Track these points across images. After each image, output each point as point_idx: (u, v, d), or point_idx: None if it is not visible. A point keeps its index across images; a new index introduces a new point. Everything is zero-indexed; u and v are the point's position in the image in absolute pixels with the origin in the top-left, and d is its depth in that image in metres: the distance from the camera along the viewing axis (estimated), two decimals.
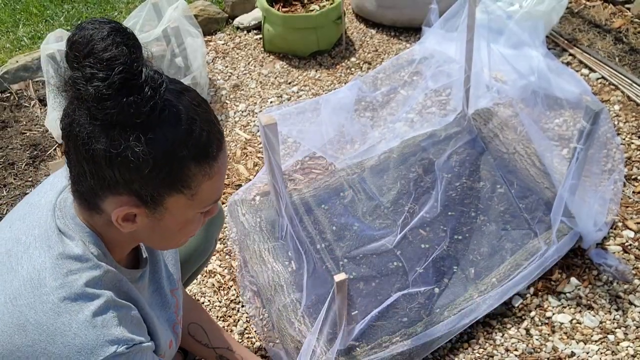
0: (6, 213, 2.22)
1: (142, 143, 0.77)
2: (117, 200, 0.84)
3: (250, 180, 2.18)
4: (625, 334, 1.68)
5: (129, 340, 0.88)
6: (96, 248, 0.90)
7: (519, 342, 1.68)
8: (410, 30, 3.01)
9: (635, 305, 1.75)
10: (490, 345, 1.67)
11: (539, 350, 1.66)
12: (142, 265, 1.06)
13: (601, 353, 1.64)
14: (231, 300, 1.84)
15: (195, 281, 1.89)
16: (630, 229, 1.95)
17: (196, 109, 0.84)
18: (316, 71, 2.81)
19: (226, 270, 1.92)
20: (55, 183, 0.97)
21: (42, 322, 0.83)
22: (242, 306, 1.82)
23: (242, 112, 2.60)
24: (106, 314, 0.86)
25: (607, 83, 2.56)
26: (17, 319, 0.84)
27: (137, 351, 0.89)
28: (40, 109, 2.69)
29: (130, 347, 0.87)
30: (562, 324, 1.72)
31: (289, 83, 2.75)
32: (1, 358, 0.86)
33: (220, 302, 1.83)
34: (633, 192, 2.08)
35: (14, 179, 2.37)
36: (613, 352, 1.64)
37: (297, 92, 2.69)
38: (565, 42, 2.81)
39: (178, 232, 0.93)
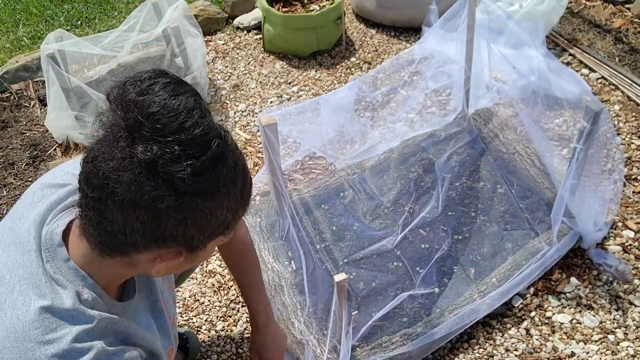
0: (6, 213, 2.22)
1: (221, 204, 0.79)
2: (162, 252, 0.82)
3: None
4: (625, 334, 1.68)
5: None
6: (91, 293, 0.86)
7: (519, 342, 1.68)
8: (410, 30, 3.01)
9: (635, 305, 1.75)
10: (490, 345, 1.67)
11: (539, 350, 1.66)
12: (131, 294, 1.01)
13: (601, 353, 1.64)
14: (231, 300, 1.84)
15: (195, 281, 1.89)
16: (630, 229, 1.95)
17: (243, 159, 0.84)
18: (316, 71, 2.81)
19: (226, 270, 1.92)
20: (38, 204, 0.92)
21: None
22: (242, 306, 1.82)
23: (242, 112, 2.60)
24: None
25: (607, 83, 2.56)
26: None
27: None
28: (40, 109, 2.69)
29: None
30: (562, 324, 1.72)
31: (289, 83, 2.75)
32: None
33: (220, 302, 1.83)
34: (633, 192, 2.08)
35: (14, 179, 2.37)
36: (613, 352, 1.64)
37: (297, 92, 2.69)
38: (565, 42, 2.81)
39: (193, 263, 0.93)
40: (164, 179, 0.73)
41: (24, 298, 0.82)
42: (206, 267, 1.93)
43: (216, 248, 1.25)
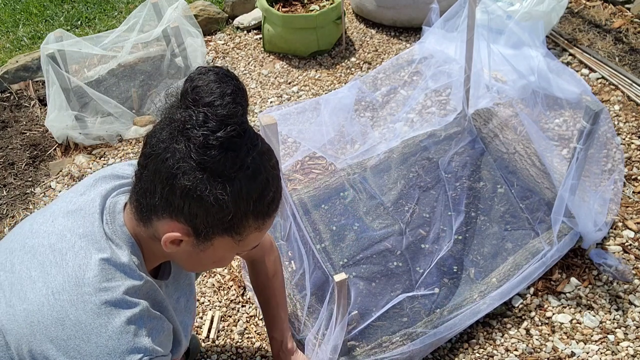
0: (6, 213, 2.22)
1: (226, 193, 0.86)
2: (173, 224, 0.90)
3: None
4: (625, 334, 1.68)
5: (153, 352, 0.93)
6: (137, 258, 0.96)
7: (519, 342, 1.68)
8: (410, 30, 3.01)
9: (635, 305, 1.75)
10: (490, 345, 1.67)
11: (539, 350, 1.66)
12: (165, 276, 1.11)
13: (601, 353, 1.64)
14: (231, 301, 1.84)
15: (195, 281, 1.89)
16: (630, 229, 1.95)
17: (272, 171, 0.93)
18: (316, 71, 2.81)
19: (226, 270, 1.92)
20: (98, 184, 1.03)
21: (81, 320, 0.88)
22: (242, 306, 1.82)
23: None
24: (139, 324, 0.92)
25: (607, 83, 2.56)
26: (57, 312, 0.89)
27: None
28: (40, 109, 2.69)
29: (152, 358, 0.92)
30: (562, 324, 1.72)
31: (289, 83, 2.75)
32: (28, 347, 0.89)
33: (220, 302, 1.83)
34: (633, 192, 2.08)
35: (14, 179, 2.37)
36: (613, 352, 1.64)
37: (297, 92, 2.69)
38: (565, 42, 2.81)
39: (211, 263, 1.01)
40: (186, 142, 0.84)
41: (84, 252, 0.92)
42: None
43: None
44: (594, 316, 1.72)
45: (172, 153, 0.85)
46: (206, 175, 0.85)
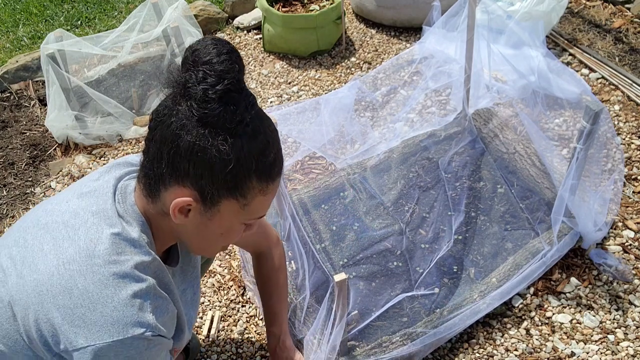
0: (6, 213, 2.22)
1: (227, 144, 0.89)
2: (180, 190, 0.93)
3: None
4: (625, 334, 1.68)
5: (155, 329, 0.94)
6: (146, 236, 0.99)
7: (519, 342, 1.68)
8: (410, 30, 3.01)
9: (635, 305, 1.75)
10: (490, 345, 1.67)
11: (539, 350, 1.66)
12: (173, 263, 1.14)
13: (601, 353, 1.64)
14: (231, 301, 1.84)
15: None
16: (630, 229, 1.95)
17: (272, 134, 0.96)
18: (316, 71, 2.81)
19: (226, 270, 1.92)
20: (112, 170, 1.07)
21: (89, 290, 0.91)
22: (242, 306, 1.82)
23: None
24: (144, 298, 0.94)
25: (607, 83, 2.56)
26: (66, 281, 0.91)
27: (158, 343, 0.95)
28: (40, 109, 2.69)
29: (155, 335, 0.94)
30: (562, 324, 1.72)
31: (289, 83, 2.75)
32: (35, 315, 0.92)
33: (220, 302, 1.83)
34: (633, 192, 2.08)
35: (14, 178, 2.37)
36: (613, 352, 1.64)
37: (297, 92, 2.69)
38: (565, 42, 2.80)
39: (219, 236, 1.02)
40: (187, 101, 0.88)
41: (96, 227, 0.96)
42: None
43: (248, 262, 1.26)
44: (594, 316, 1.72)
45: (176, 116, 0.89)
46: (208, 130, 0.88)
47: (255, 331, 1.75)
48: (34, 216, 1.03)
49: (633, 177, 2.13)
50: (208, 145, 0.88)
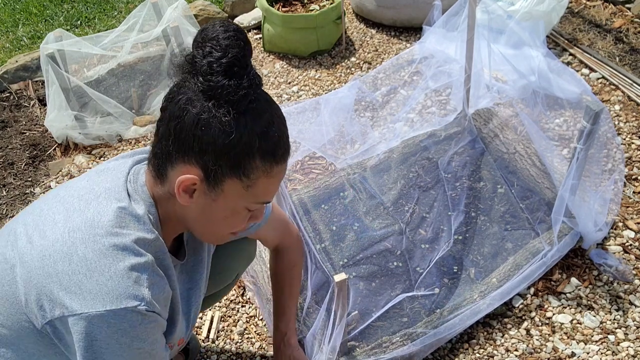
0: (6, 213, 2.22)
1: (229, 116, 0.91)
2: (185, 168, 0.95)
3: None
4: (626, 334, 1.68)
5: (150, 304, 0.94)
6: (152, 217, 1.01)
7: (519, 342, 1.67)
8: (410, 30, 3.01)
9: (636, 306, 1.74)
10: (491, 345, 1.67)
11: (539, 350, 1.66)
12: (180, 258, 1.15)
13: (601, 353, 1.64)
14: (231, 301, 1.83)
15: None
16: (631, 229, 1.95)
17: (277, 116, 0.98)
18: (316, 71, 2.81)
19: None
20: (132, 154, 1.11)
21: (87, 258, 0.93)
22: (242, 306, 1.82)
23: None
24: (141, 272, 0.94)
25: (607, 83, 2.55)
26: (67, 248, 0.94)
27: (152, 319, 0.95)
28: (40, 108, 2.68)
29: (149, 310, 0.93)
30: (562, 324, 1.71)
31: (289, 83, 2.75)
32: (36, 279, 0.94)
33: (220, 302, 1.83)
34: (633, 192, 2.08)
35: (14, 178, 2.37)
36: (613, 352, 1.64)
37: (297, 92, 2.68)
38: (566, 41, 2.80)
39: (223, 220, 1.03)
40: (194, 76, 0.92)
41: (106, 201, 0.99)
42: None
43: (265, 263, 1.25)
44: (594, 316, 1.72)
45: (184, 92, 0.93)
46: (212, 102, 0.91)
47: (255, 331, 1.75)
48: (55, 191, 1.07)
49: (633, 177, 2.13)
50: (211, 117, 0.91)
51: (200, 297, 1.22)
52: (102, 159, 2.42)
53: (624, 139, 2.28)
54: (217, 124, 0.91)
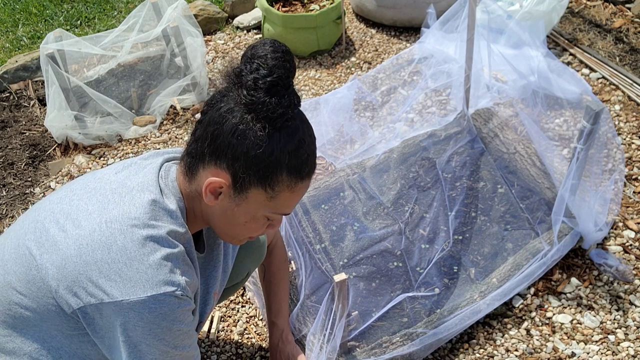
0: (6, 213, 2.22)
1: (264, 131, 0.98)
2: (216, 171, 1.02)
3: None
4: (626, 334, 1.68)
5: (185, 289, 1.02)
6: (181, 212, 1.08)
7: (519, 342, 1.67)
8: (410, 30, 3.01)
9: (636, 306, 1.74)
10: (491, 345, 1.67)
11: (539, 350, 1.66)
12: (200, 251, 1.20)
13: (601, 353, 1.64)
14: (231, 301, 1.83)
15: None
16: (631, 229, 1.95)
17: (309, 135, 1.04)
18: (316, 71, 2.81)
19: None
20: (161, 154, 1.17)
21: (127, 247, 0.99)
22: (242, 306, 1.82)
23: None
24: (175, 262, 1.02)
25: (607, 83, 2.55)
26: (106, 238, 1.00)
27: (186, 303, 1.03)
28: (40, 108, 2.68)
29: (184, 295, 1.01)
30: (562, 324, 1.71)
31: None
32: (72, 266, 0.99)
33: (220, 302, 1.83)
34: (634, 192, 2.08)
35: (14, 179, 2.37)
36: (613, 352, 1.64)
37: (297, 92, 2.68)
38: (566, 41, 2.80)
39: (243, 224, 1.09)
40: (239, 89, 0.98)
41: (140, 194, 1.05)
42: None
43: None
44: (594, 316, 1.72)
45: (226, 101, 1.00)
46: (252, 115, 0.98)
47: (255, 331, 1.75)
48: (82, 182, 1.12)
49: (633, 177, 2.13)
50: (248, 129, 0.97)
51: (212, 291, 1.25)
52: (102, 159, 2.42)
53: (624, 139, 2.28)
54: (252, 136, 0.97)
